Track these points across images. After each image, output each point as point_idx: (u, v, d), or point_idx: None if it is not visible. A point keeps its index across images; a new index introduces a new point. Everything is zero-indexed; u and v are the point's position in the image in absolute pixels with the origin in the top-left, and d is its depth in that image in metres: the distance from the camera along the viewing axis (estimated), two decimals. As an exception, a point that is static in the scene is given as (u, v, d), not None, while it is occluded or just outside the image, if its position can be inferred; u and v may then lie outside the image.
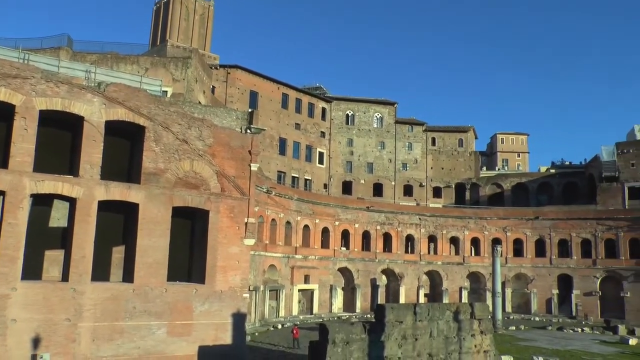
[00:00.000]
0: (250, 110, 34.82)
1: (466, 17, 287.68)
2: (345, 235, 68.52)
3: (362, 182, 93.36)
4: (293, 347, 40.52)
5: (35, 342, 24.01)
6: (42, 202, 28.80)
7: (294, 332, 41.91)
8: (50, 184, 25.39)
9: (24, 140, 24.73)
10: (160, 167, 28.33)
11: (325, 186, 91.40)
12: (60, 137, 28.94)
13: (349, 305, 67.40)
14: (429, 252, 74.32)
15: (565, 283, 71.53)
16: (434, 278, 73.20)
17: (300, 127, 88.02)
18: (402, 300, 68.27)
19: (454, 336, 25.76)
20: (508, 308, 71.06)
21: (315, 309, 63.04)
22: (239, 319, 29.60)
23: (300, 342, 40.02)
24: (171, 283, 28.32)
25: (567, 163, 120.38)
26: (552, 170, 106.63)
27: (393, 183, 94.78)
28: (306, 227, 63.13)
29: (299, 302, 62.07)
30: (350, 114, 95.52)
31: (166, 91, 48.35)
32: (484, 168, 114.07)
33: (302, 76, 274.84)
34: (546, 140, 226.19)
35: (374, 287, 68.56)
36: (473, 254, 75.02)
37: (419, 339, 24.51)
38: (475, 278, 73.48)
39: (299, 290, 61.55)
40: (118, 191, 27.09)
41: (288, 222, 59.84)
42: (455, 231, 74.27)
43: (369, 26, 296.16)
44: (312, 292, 63.10)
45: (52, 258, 29.05)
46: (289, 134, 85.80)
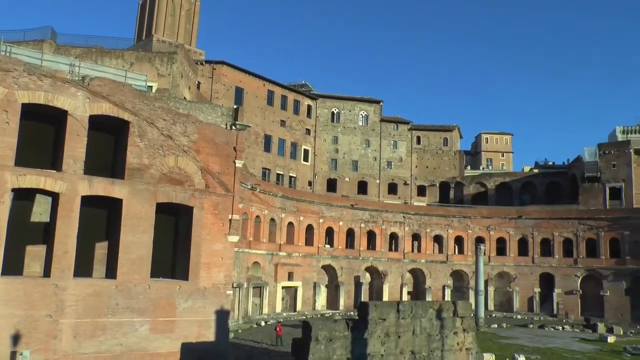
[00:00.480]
0: (235, 106, 34.65)
1: (452, 17, 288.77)
2: (330, 233, 68.61)
3: (347, 180, 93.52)
4: (276, 345, 40.47)
5: (15, 338, 23.73)
6: (23, 197, 28.45)
7: (277, 329, 41.88)
8: (32, 179, 25.10)
9: (5, 134, 24.40)
10: (145, 162, 28.13)
11: (310, 184, 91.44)
12: (43, 131, 28.63)
13: (333, 302, 67.51)
14: (413, 250, 74.69)
15: (547, 282, 72.31)
16: (418, 276, 73.56)
17: (285, 124, 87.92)
18: (386, 298, 68.52)
19: (437, 334, 25.91)
20: (491, 306, 71.64)
21: (299, 307, 63.06)
22: (222, 316, 29.52)
23: (284, 340, 39.96)
24: (154, 279, 28.14)
25: (550, 163, 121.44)
26: (536, 170, 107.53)
27: (378, 181, 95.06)
28: (290, 224, 63.11)
29: (283, 299, 62.04)
30: (335, 112, 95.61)
31: (151, 86, 47.95)
32: (468, 167, 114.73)
33: (288, 73, 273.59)
34: (530, 141, 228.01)
35: (358, 284, 68.74)
36: (456, 253, 75.53)
37: (402, 336, 24.62)
38: (458, 276, 73.95)
39: (283, 288, 61.51)
40: (101, 186, 26.85)
41: (272, 219, 59.77)
42: (439, 230, 74.68)
43: (356, 24, 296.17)
44: (295, 289, 63.10)
45: (34, 253, 28.72)
46: (274, 131, 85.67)
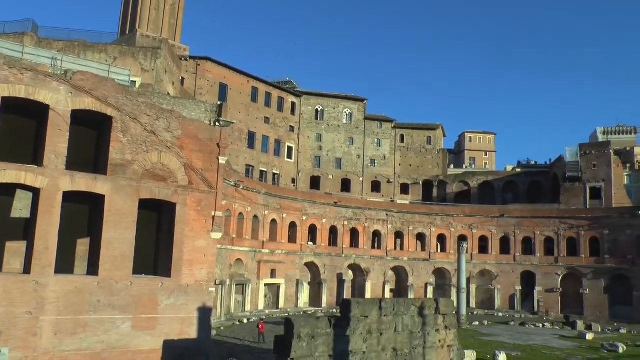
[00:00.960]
0: (219, 102, 34.46)
1: (436, 17, 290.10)
2: (313, 230, 68.61)
3: (331, 177, 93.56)
4: (259, 342, 40.44)
5: (-6, 335, 23.47)
6: (3, 192, 28.05)
7: (260, 326, 41.85)
8: (12, 174, 24.80)
9: (-15, 128, 24.10)
10: (128, 158, 27.91)
11: (294, 181, 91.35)
12: (24, 125, 28.25)
13: (315, 300, 67.57)
14: (396, 248, 74.97)
15: (528, 280, 73.01)
16: (400, 274, 73.86)
17: (269, 121, 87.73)
18: (368, 295, 68.72)
19: (419, 331, 26.03)
20: (472, 304, 72.17)
21: (282, 304, 63.03)
22: (205, 313, 29.42)
23: (266, 337, 39.92)
24: (137, 276, 27.95)
25: (533, 163, 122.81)
26: (518, 170, 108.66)
27: (361, 179, 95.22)
28: (273, 221, 63.01)
29: (265, 296, 61.96)
30: (319, 109, 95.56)
31: (135, 81, 47.62)
32: (452, 166, 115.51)
33: (272, 70, 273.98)
34: (513, 140, 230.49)
35: (341, 282, 68.86)
36: (439, 251, 75.94)
37: (384, 333, 24.70)
38: (440, 274, 74.38)
39: (266, 285, 61.43)
40: (84, 182, 26.58)
41: (255, 216, 59.63)
42: (422, 227, 75.03)
43: (341, 22, 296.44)
44: (278, 286, 63.04)
45: (14, 250, 28.36)
46: (258, 128, 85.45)
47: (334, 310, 60.41)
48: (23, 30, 51.82)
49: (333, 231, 70.76)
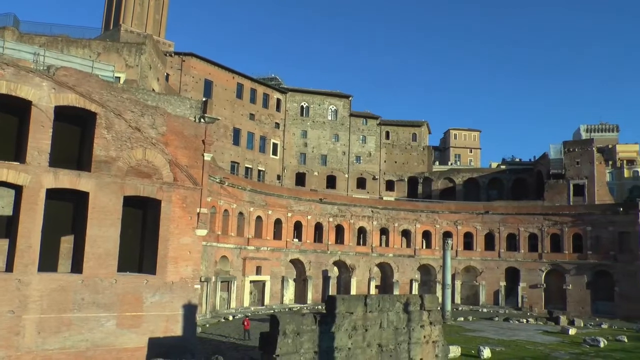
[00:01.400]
0: (204, 99, 34.35)
1: (421, 14, 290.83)
2: (298, 227, 68.63)
3: (316, 174, 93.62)
4: (244, 339, 40.40)
5: (-23, 334, 23.20)
6: (-15, 189, 27.78)
7: (245, 323, 41.78)
8: (-6, 171, 24.49)
9: (-34, 125, 23.78)
10: (112, 155, 27.68)
11: (279, 177, 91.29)
12: (5, 121, 27.87)
13: (301, 296, 67.62)
14: (381, 245, 75.21)
15: (512, 276, 73.67)
16: (385, 270, 74.13)
17: (254, 118, 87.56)
18: (353, 291, 68.94)
19: (404, 327, 26.17)
20: (457, 300, 72.65)
21: (267, 301, 62.99)
22: (190, 311, 29.32)
23: (251, 334, 39.93)
24: (121, 274, 27.75)
25: (517, 160, 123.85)
26: (503, 167, 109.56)
27: (346, 175, 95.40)
28: (259, 218, 62.93)
29: (251, 293, 61.89)
30: (305, 106, 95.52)
31: (119, 77, 47.17)
32: (437, 163, 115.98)
33: (257, 66, 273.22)
34: (498, 137, 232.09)
35: (326, 278, 68.98)
36: (424, 247, 76.30)
37: (369, 329, 24.81)
38: (426, 270, 74.77)
39: (251, 282, 61.34)
40: (67, 179, 26.30)
41: (241, 213, 59.52)
42: (407, 224, 75.34)
43: (327, 19, 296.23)
44: (263, 283, 62.99)
45: (-4, 247, 28.07)
46: (243, 124, 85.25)
47: (319, 307, 60.54)
48: (4, 25, 51.09)
49: (318, 228, 70.80)
